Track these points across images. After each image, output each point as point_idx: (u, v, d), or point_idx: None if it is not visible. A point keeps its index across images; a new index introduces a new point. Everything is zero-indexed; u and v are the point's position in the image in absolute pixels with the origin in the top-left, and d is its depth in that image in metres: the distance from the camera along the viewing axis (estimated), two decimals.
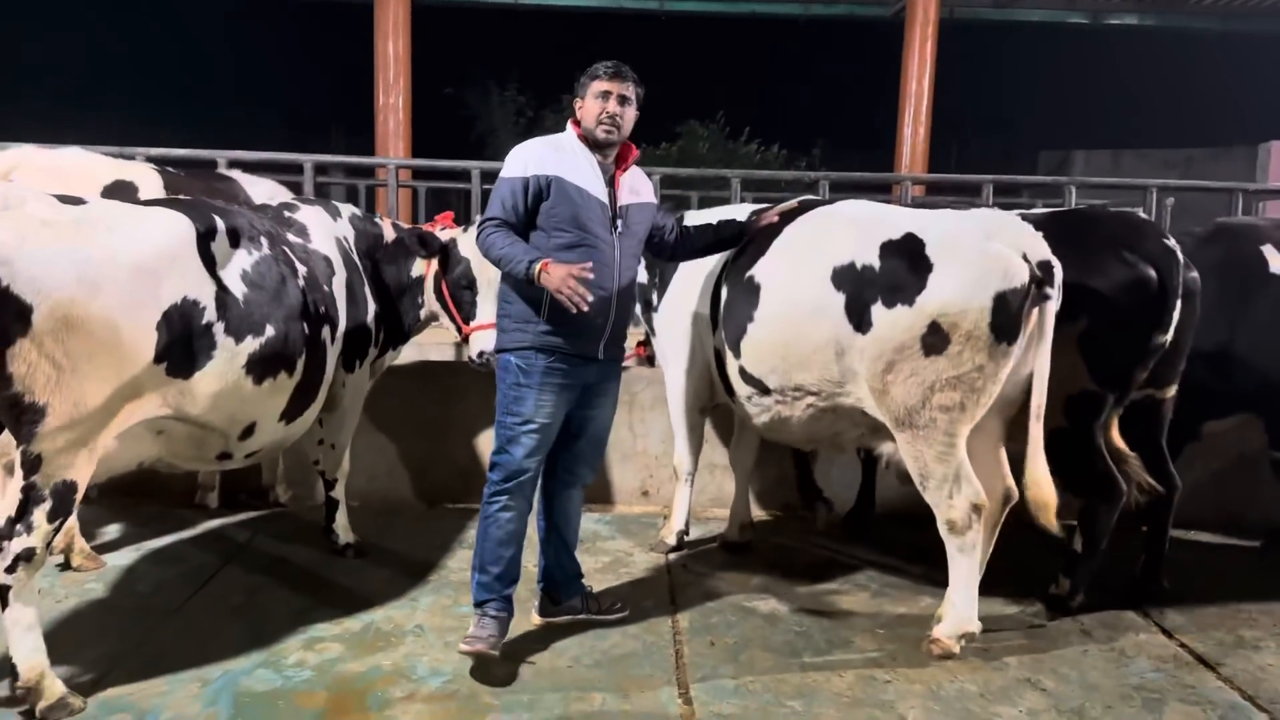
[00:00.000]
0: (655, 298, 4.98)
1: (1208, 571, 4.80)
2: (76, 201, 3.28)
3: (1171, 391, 4.26)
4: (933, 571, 4.07)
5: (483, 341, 4.50)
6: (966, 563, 3.73)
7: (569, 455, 3.92)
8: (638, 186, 3.89)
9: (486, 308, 4.53)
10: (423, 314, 4.88)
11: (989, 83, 22.93)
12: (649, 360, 5.79)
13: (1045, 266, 3.60)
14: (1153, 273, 3.90)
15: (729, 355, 4.28)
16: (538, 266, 3.45)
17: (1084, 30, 16.00)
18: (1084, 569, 4.17)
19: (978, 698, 3.47)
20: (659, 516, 5.44)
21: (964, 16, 14.46)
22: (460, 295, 4.63)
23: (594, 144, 3.72)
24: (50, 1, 20.15)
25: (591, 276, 3.47)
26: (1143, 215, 4.45)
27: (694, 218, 4.69)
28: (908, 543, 4.84)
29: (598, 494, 5.68)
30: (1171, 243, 3.99)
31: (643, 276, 5.08)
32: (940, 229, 3.74)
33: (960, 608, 3.77)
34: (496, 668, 3.58)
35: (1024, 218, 4.07)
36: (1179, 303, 3.93)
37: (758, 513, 5.40)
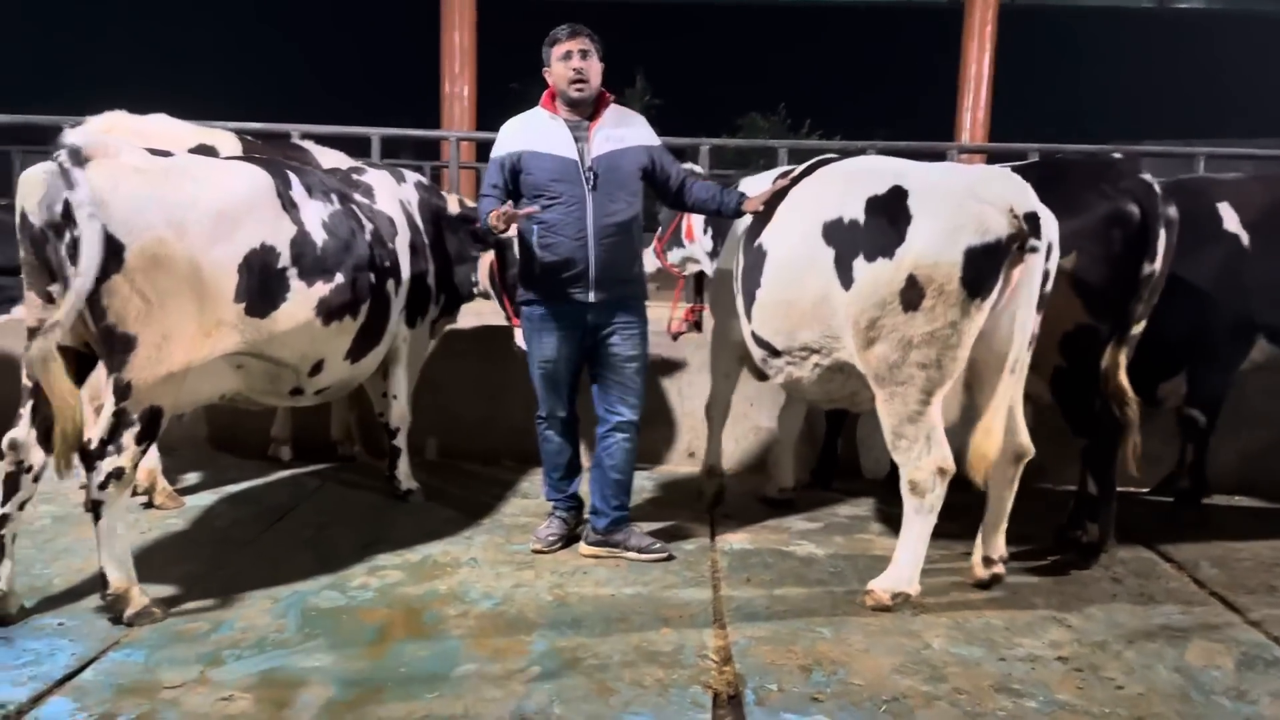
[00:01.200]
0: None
1: (1247, 532, 4.82)
2: (165, 154, 3.58)
3: (1140, 326, 4.14)
4: (966, 526, 4.17)
5: None
6: (921, 524, 3.75)
7: (604, 396, 4.26)
8: (619, 133, 4.17)
9: None
10: (476, 290, 5.17)
11: (1056, 71, 22.59)
12: (697, 326, 5.97)
13: (1031, 219, 3.51)
14: (1133, 206, 3.95)
15: (744, 320, 4.38)
16: (490, 220, 3.95)
17: (1152, 15, 15.80)
18: (1106, 511, 4.24)
19: (1002, 630, 3.60)
20: None
21: (1026, 2, 14.41)
22: (515, 293, 4.79)
23: (570, 104, 4.11)
24: None
25: (535, 209, 4.02)
26: (1116, 155, 4.48)
27: (745, 184, 4.83)
28: (944, 501, 4.92)
29: (645, 453, 5.81)
30: (1148, 177, 4.03)
31: (709, 244, 5.26)
32: (926, 182, 3.70)
33: (903, 566, 3.78)
34: (544, 592, 3.84)
35: None
36: (1162, 232, 3.96)
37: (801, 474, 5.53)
